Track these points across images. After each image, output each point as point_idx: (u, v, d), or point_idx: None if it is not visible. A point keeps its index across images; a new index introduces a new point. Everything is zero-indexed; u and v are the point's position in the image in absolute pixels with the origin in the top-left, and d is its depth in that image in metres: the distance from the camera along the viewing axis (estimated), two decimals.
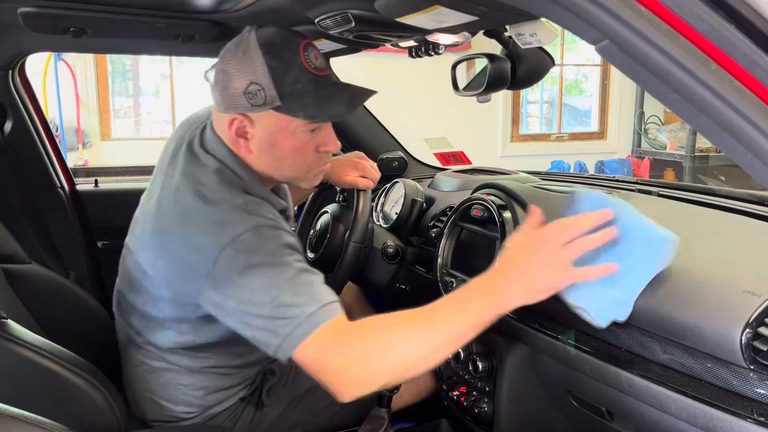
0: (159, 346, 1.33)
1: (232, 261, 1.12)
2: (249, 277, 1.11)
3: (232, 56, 1.22)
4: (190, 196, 1.21)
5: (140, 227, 1.33)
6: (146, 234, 1.28)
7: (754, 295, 0.94)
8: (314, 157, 1.31)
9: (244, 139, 1.25)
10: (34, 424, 0.81)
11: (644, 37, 0.64)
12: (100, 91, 5.40)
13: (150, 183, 1.39)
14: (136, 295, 1.31)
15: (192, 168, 1.26)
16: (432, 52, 1.57)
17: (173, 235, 1.20)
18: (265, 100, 1.18)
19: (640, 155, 6.88)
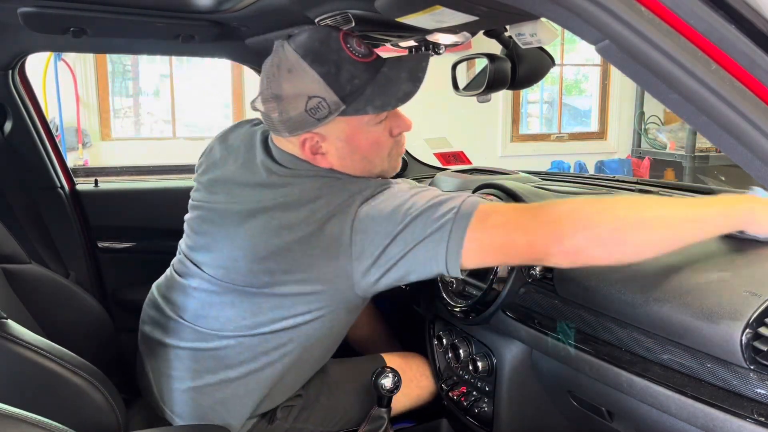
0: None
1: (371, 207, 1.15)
2: (392, 207, 1.14)
3: (277, 78, 1.17)
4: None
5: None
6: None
7: (754, 295, 0.94)
8: (391, 143, 1.28)
9: (321, 155, 1.22)
10: (34, 424, 0.81)
11: (644, 37, 0.64)
12: (100, 91, 5.39)
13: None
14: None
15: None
16: (432, 52, 1.57)
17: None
18: (329, 109, 1.15)
19: (640, 155, 6.88)
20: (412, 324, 1.92)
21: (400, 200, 1.14)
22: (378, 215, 1.14)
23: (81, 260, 2.17)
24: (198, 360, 1.29)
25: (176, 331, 1.33)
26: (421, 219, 1.11)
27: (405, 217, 1.11)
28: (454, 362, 1.60)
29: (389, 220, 1.12)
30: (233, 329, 1.25)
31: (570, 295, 1.24)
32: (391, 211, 1.13)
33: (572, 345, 1.20)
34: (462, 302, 1.50)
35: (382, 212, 1.13)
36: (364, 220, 1.14)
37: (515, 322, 1.36)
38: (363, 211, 1.14)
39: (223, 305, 1.26)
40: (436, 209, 1.11)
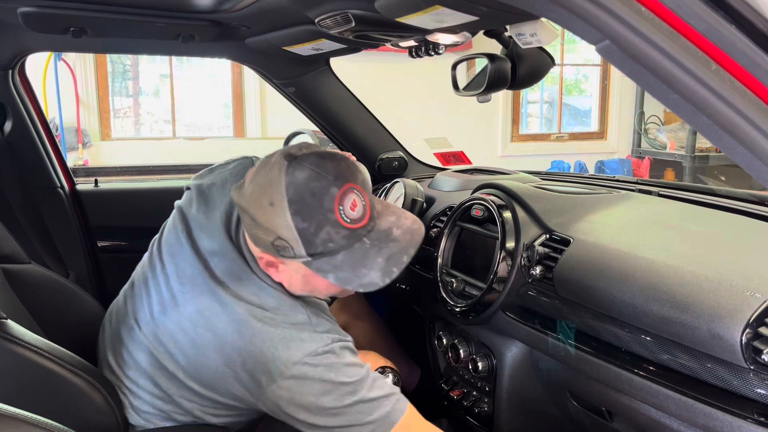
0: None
1: (305, 377, 1.12)
2: (320, 392, 1.12)
3: (258, 200, 1.10)
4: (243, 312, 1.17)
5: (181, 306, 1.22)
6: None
7: (754, 295, 0.94)
8: (343, 290, 1.22)
9: (275, 270, 1.18)
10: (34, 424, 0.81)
11: (644, 37, 0.64)
12: (100, 91, 5.39)
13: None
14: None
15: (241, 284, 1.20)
16: (432, 52, 1.57)
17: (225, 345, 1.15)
18: (294, 255, 1.10)
19: (640, 155, 6.88)
20: (412, 324, 1.92)
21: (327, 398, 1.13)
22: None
23: (81, 260, 2.17)
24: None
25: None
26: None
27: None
28: (454, 362, 1.60)
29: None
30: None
31: (570, 295, 1.24)
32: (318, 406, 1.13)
33: (572, 345, 1.20)
34: (462, 302, 1.50)
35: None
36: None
37: (515, 322, 1.36)
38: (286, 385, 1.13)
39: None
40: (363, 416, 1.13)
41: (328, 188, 1.08)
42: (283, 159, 1.09)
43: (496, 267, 1.39)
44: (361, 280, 1.11)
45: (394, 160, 2.31)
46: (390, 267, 1.12)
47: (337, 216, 1.08)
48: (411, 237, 1.16)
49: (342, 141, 2.30)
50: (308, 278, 1.16)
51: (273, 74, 2.16)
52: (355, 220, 1.10)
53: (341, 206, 1.08)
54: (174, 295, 1.24)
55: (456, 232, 1.62)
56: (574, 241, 1.31)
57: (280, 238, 1.08)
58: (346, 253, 1.10)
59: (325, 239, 1.08)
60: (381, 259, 1.12)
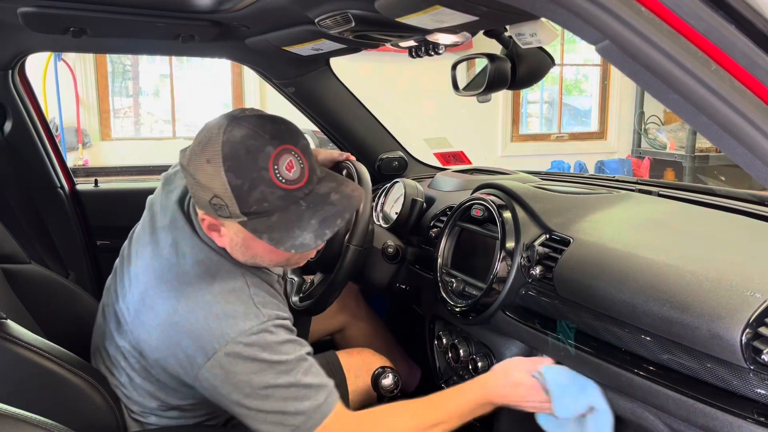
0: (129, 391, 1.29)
1: (238, 356, 1.12)
2: (253, 372, 1.12)
3: (197, 158, 1.10)
4: (191, 277, 1.18)
5: (136, 287, 1.25)
6: (139, 302, 1.22)
7: (754, 295, 0.94)
8: (289, 256, 1.21)
9: (217, 233, 1.18)
10: (34, 424, 0.81)
11: (644, 37, 0.64)
12: (100, 91, 5.39)
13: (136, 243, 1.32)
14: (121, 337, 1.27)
15: (186, 245, 1.22)
16: (432, 52, 1.57)
17: (171, 319, 1.16)
18: (230, 214, 1.10)
19: (640, 155, 6.88)
20: (412, 324, 1.92)
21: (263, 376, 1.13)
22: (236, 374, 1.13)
23: (81, 260, 2.17)
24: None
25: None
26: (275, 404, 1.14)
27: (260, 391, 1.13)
28: (454, 362, 1.60)
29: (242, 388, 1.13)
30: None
31: (570, 295, 1.24)
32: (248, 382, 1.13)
33: (572, 345, 1.20)
34: (462, 302, 1.50)
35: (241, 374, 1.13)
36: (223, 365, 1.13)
37: (515, 322, 1.36)
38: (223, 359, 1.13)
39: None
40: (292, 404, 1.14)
41: (263, 147, 1.07)
42: (224, 119, 1.11)
43: (496, 267, 1.39)
44: (294, 241, 1.10)
45: (394, 160, 2.31)
46: (323, 229, 1.11)
47: (272, 175, 1.07)
48: (348, 202, 1.15)
49: (342, 141, 2.30)
50: (248, 242, 1.16)
51: (273, 74, 2.16)
52: (290, 181, 1.09)
53: (276, 166, 1.08)
54: (130, 279, 1.26)
55: (456, 232, 1.62)
56: (574, 241, 1.31)
57: (216, 195, 1.08)
58: (280, 214, 1.10)
59: (259, 198, 1.08)
60: (315, 221, 1.11)
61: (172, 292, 1.17)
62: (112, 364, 1.29)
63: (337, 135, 2.29)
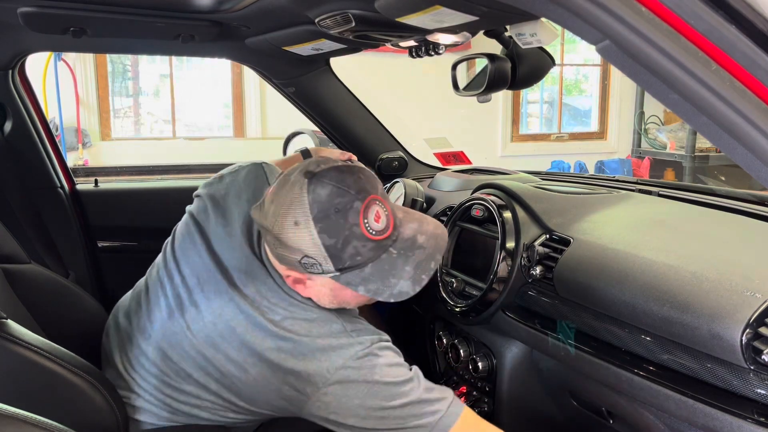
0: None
1: (349, 381, 1.11)
2: (366, 395, 1.11)
3: (283, 219, 1.09)
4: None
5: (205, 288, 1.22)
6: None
7: (754, 295, 0.94)
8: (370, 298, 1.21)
9: (303, 285, 1.17)
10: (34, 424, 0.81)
11: (644, 38, 0.64)
12: (100, 91, 5.39)
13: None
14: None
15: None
16: (432, 52, 1.57)
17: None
18: (322, 271, 1.10)
19: (640, 155, 6.88)
20: (412, 324, 1.92)
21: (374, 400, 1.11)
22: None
23: (81, 260, 2.17)
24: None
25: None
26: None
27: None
28: (454, 362, 1.60)
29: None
30: None
31: (570, 295, 1.24)
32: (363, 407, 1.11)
33: (572, 345, 1.20)
34: (462, 302, 1.50)
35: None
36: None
37: (515, 322, 1.36)
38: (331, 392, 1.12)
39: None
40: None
41: (351, 203, 1.08)
42: (303, 177, 1.09)
43: (496, 267, 1.39)
44: (392, 290, 1.12)
45: (394, 160, 2.31)
46: (419, 274, 1.12)
47: (363, 229, 1.08)
48: (436, 242, 1.16)
49: (342, 141, 2.30)
50: (336, 291, 1.15)
51: (273, 74, 2.16)
52: (380, 231, 1.10)
53: (366, 219, 1.08)
54: (195, 301, 1.23)
55: (456, 232, 1.62)
56: (574, 241, 1.31)
57: (307, 256, 1.08)
58: (373, 264, 1.10)
59: (352, 253, 1.08)
60: (409, 267, 1.12)
61: (269, 336, 1.15)
62: (137, 372, 1.27)
63: (337, 135, 2.29)
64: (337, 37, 1.53)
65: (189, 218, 1.35)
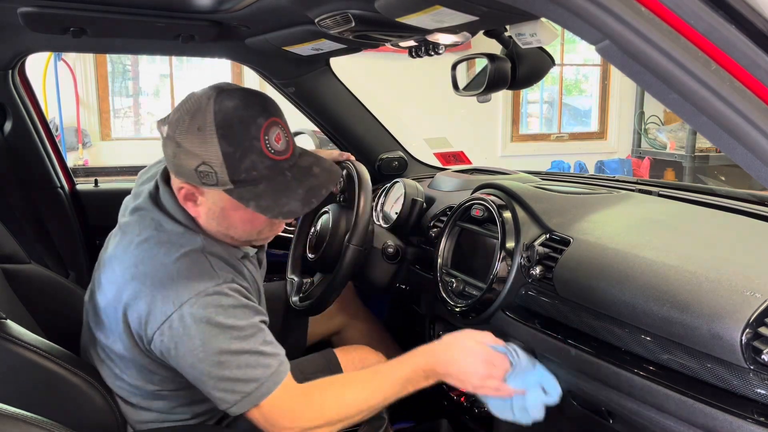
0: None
1: (193, 318, 1.12)
2: (208, 335, 1.12)
3: (186, 127, 1.12)
4: (153, 252, 1.19)
5: (104, 273, 1.27)
6: (110, 278, 1.24)
7: (754, 295, 0.94)
8: (265, 224, 1.24)
9: (193, 203, 1.20)
10: (34, 424, 0.81)
11: (644, 38, 0.64)
12: (100, 91, 5.39)
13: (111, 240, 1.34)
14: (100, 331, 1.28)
15: (151, 229, 1.23)
16: (432, 52, 1.57)
17: (134, 282, 1.18)
18: (216, 182, 1.12)
19: (640, 155, 6.88)
20: (412, 324, 1.92)
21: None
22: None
23: (81, 260, 2.17)
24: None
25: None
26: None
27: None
28: None
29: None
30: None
31: (570, 295, 1.24)
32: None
33: (572, 345, 1.20)
34: (462, 302, 1.50)
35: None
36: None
37: (515, 322, 1.36)
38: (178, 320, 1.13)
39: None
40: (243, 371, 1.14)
41: (255, 118, 1.12)
42: (211, 90, 1.14)
43: (496, 267, 1.39)
44: (282, 209, 1.14)
45: (394, 160, 2.31)
46: (309, 197, 1.17)
47: (263, 145, 1.12)
48: (329, 175, 1.22)
49: (342, 141, 2.30)
50: (227, 211, 1.19)
51: (273, 74, 2.16)
52: (279, 152, 1.14)
53: (266, 137, 1.12)
54: (99, 267, 1.29)
55: (456, 232, 1.62)
56: (574, 241, 1.31)
57: (204, 163, 1.10)
58: (267, 183, 1.14)
59: (248, 167, 1.11)
60: (302, 190, 1.16)
61: (131, 257, 1.19)
62: (99, 358, 1.29)
63: (337, 135, 2.29)
64: (337, 37, 1.53)
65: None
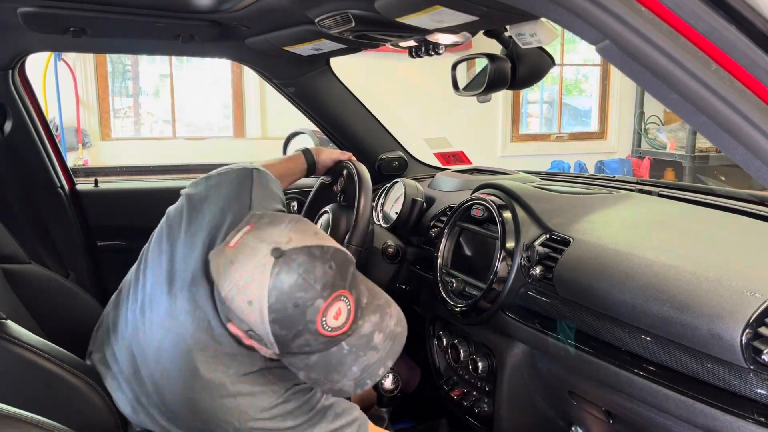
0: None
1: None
2: None
3: (234, 294, 1.01)
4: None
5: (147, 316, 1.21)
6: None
7: (754, 295, 0.94)
8: None
9: (244, 338, 1.12)
10: (34, 424, 0.81)
11: (644, 38, 0.64)
12: (100, 91, 5.39)
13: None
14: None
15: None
16: (432, 52, 1.57)
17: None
18: (266, 346, 1.06)
19: (640, 155, 6.88)
20: (412, 324, 1.92)
21: None
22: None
23: (81, 260, 2.17)
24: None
25: None
26: None
27: None
28: (454, 362, 1.60)
29: None
30: None
31: (570, 295, 1.24)
32: None
33: (572, 345, 1.20)
34: (462, 302, 1.50)
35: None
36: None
37: (515, 322, 1.36)
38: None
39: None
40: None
41: (313, 300, 1.00)
42: (270, 254, 1.00)
43: (496, 267, 1.39)
44: (333, 386, 1.07)
45: (394, 160, 2.31)
46: (364, 378, 1.07)
47: (318, 326, 1.01)
48: (392, 345, 1.10)
49: (342, 141, 2.30)
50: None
51: (273, 74, 2.16)
52: (336, 328, 1.03)
53: (324, 317, 1.01)
54: (151, 308, 1.22)
55: (456, 232, 1.62)
56: (574, 241, 1.31)
57: (253, 330, 1.03)
58: (321, 355, 1.05)
59: (301, 344, 1.03)
60: (356, 368, 1.06)
61: (188, 363, 1.14)
62: (112, 373, 1.27)
63: (337, 135, 2.29)
64: (337, 37, 1.53)
65: (164, 220, 1.33)
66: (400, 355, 1.88)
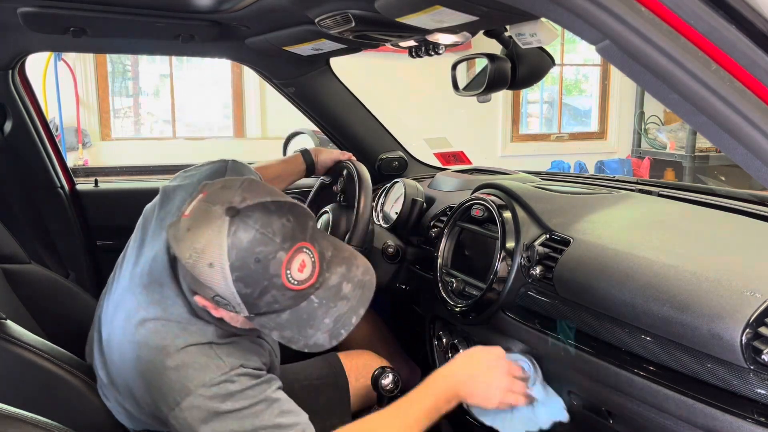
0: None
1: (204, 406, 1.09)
2: (219, 425, 1.09)
3: (197, 260, 0.99)
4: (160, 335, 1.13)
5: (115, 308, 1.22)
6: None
7: (754, 295, 0.94)
8: None
9: (213, 308, 1.10)
10: (34, 424, 0.81)
11: (644, 38, 0.64)
12: (100, 91, 5.39)
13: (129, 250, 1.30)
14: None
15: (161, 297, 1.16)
16: (432, 52, 1.57)
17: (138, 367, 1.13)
18: (234, 310, 1.04)
19: (640, 155, 6.88)
20: (412, 324, 1.92)
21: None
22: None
23: (81, 260, 2.17)
24: None
25: None
26: None
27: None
28: None
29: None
30: None
31: (570, 295, 1.24)
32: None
33: (572, 345, 1.20)
34: (462, 302, 1.50)
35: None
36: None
37: (515, 322, 1.36)
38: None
39: None
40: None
41: (274, 253, 0.99)
42: (225, 213, 0.99)
43: (496, 267, 1.39)
44: (307, 341, 1.06)
45: (394, 160, 2.31)
46: (338, 329, 1.06)
47: (284, 280, 1.00)
48: (361, 293, 1.09)
49: (342, 141, 2.30)
50: (248, 322, 1.10)
51: (273, 74, 2.16)
52: (302, 281, 1.02)
53: (288, 270, 1.00)
54: (118, 299, 1.23)
55: (456, 232, 1.62)
56: (574, 241, 1.31)
57: (219, 295, 1.02)
58: (291, 311, 1.04)
59: (269, 301, 1.02)
60: (329, 320, 1.05)
61: (137, 336, 1.14)
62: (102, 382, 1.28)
63: (337, 135, 2.29)
64: (337, 37, 1.53)
65: (141, 217, 1.34)
66: (399, 355, 1.88)
